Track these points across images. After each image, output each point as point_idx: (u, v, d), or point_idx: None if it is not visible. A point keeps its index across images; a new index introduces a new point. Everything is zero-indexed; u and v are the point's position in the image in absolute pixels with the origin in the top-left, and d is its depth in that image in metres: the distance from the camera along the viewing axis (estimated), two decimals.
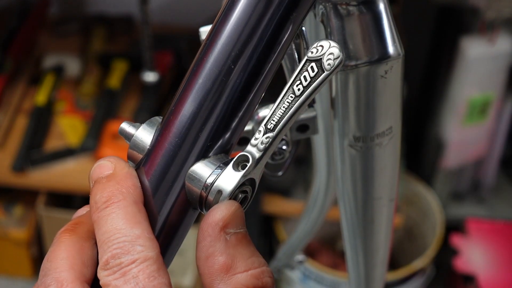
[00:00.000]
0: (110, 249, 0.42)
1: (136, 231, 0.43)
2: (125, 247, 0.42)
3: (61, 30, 2.16)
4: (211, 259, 0.43)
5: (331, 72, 0.44)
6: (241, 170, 0.44)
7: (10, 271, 2.03)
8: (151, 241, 0.43)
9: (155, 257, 0.42)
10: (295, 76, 0.45)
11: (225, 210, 0.43)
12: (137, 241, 0.42)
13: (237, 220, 0.43)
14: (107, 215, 0.43)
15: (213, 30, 0.46)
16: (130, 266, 0.41)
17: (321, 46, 0.44)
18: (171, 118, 0.46)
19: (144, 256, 0.42)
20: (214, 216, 0.43)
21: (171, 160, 0.46)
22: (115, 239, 0.42)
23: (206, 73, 0.45)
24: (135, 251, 0.42)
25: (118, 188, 0.44)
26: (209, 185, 0.45)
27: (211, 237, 0.43)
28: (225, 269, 0.42)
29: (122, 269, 0.41)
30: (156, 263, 0.42)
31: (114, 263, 0.42)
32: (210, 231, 0.43)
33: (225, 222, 0.43)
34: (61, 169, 1.84)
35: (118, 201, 0.44)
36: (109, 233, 0.43)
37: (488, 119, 1.91)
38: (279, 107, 0.45)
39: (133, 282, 0.41)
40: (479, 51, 1.83)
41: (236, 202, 0.44)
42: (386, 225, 0.64)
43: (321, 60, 0.44)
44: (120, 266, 0.41)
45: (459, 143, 1.91)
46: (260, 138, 0.45)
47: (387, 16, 0.52)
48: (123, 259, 0.42)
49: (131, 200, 0.44)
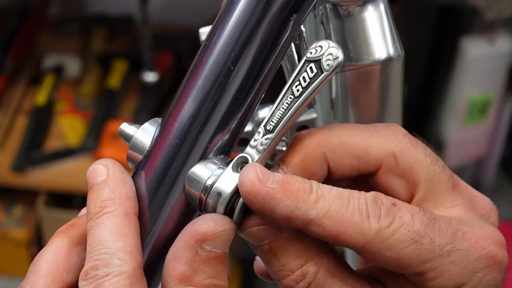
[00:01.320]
0: (91, 259, 0.43)
1: (118, 244, 0.43)
2: (104, 260, 0.43)
3: (61, 30, 2.16)
4: (174, 262, 0.43)
5: (331, 73, 0.44)
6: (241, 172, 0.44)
7: (10, 271, 2.03)
8: (131, 255, 0.43)
9: (130, 271, 0.43)
10: (294, 76, 0.44)
11: (211, 226, 0.43)
12: (117, 254, 0.43)
13: (219, 241, 0.43)
14: (96, 225, 0.44)
15: (212, 31, 0.46)
16: (104, 279, 0.42)
17: (320, 46, 0.44)
18: (170, 119, 0.46)
19: (119, 271, 0.42)
20: (198, 226, 0.43)
21: (170, 161, 0.46)
22: (97, 251, 0.43)
23: (205, 74, 0.45)
24: (112, 265, 0.42)
25: (111, 197, 0.45)
26: (208, 186, 0.45)
27: (185, 242, 0.43)
28: (181, 277, 0.43)
29: (96, 281, 0.42)
30: (129, 278, 0.42)
31: (91, 274, 0.42)
32: (188, 237, 0.43)
33: (204, 237, 0.43)
34: (61, 169, 1.84)
35: (109, 212, 0.44)
36: (94, 243, 0.43)
37: (488, 119, 1.91)
38: (278, 108, 0.45)
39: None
40: (479, 51, 1.83)
41: (231, 222, 0.44)
42: None
43: (320, 60, 0.44)
44: (95, 278, 0.42)
45: (459, 143, 1.91)
46: (259, 140, 0.45)
47: (387, 16, 0.52)
48: (99, 271, 0.42)
49: (121, 211, 0.44)
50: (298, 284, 0.44)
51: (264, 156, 0.45)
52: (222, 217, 0.44)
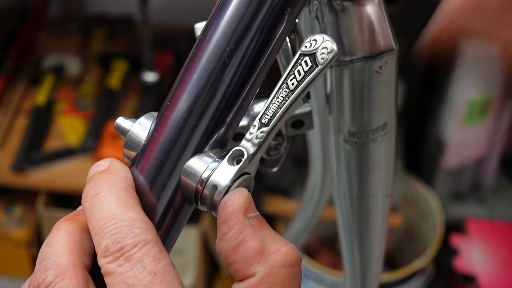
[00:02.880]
0: (107, 235, 0.41)
1: (131, 215, 0.42)
2: (124, 232, 0.41)
3: (61, 30, 2.17)
4: (243, 245, 0.42)
5: (325, 66, 0.44)
6: (236, 165, 0.45)
7: (10, 271, 2.03)
8: (148, 223, 0.42)
9: (154, 239, 0.42)
10: (289, 70, 0.45)
11: (241, 196, 0.43)
12: (134, 224, 0.42)
13: (252, 204, 0.44)
14: (99, 202, 0.43)
15: (208, 25, 0.46)
16: (133, 251, 0.41)
17: (314, 40, 0.44)
18: (166, 113, 0.46)
19: (145, 239, 0.41)
20: (233, 204, 0.43)
21: (166, 155, 0.46)
22: (111, 225, 0.41)
23: (201, 68, 0.45)
24: (133, 235, 0.41)
25: (110, 177, 0.44)
26: (204, 179, 0.45)
27: (238, 224, 0.42)
28: (260, 251, 0.42)
29: (124, 254, 0.40)
30: (157, 245, 0.41)
31: (114, 248, 0.41)
32: (235, 219, 0.43)
33: (245, 207, 0.43)
34: (61, 169, 1.85)
35: (109, 187, 0.44)
36: (104, 219, 0.42)
37: (488, 119, 1.91)
38: (273, 102, 0.45)
39: (140, 267, 0.40)
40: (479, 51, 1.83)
41: (244, 188, 0.44)
42: (381, 221, 0.64)
43: (315, 54, 0.44)
44: (122, 252, 0.41)
45: (459, 143, 1.91)
46: (254, 133, 0.45)
47: (381, 11, 0.52)
48: (123, 243, 0.41)
49: (122, 187, 0.44)
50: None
51: (259, 149, 0.45)
52: (237, 189, 0.44)
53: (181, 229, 0.48)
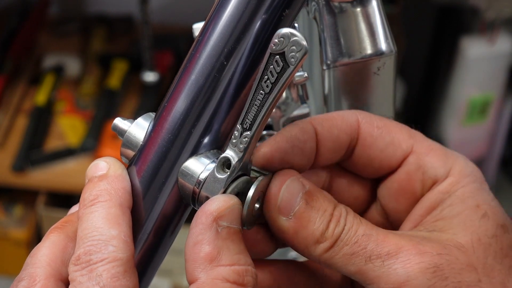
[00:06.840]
0: (84, 245, 0.43)
1: (112, 232, 0.43)
2: (98, 245, 0.43)
3: (61, 30, 2.17)
4: (198, 246, 0.43)
5: (296, 66, 0.42)
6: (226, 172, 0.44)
7: (10, 271, 2.03)
8: (125, 243, 0.43)
9: (124, 259, 0.43)
10: (262, 72, 0.43)
11: (222, 202, 0.43)
12: (111, 241, 0.43)
13: (232, 215, 0.44)
14: (90, 212, 0.44)
15: (206, 26, 0.46)
16: (97, 264, 0.42)
17: (282, 38, 0.42)
18: (163, 114, 0.46)
19: (114, 257, 0.42)
20: (210, 205, 0.43)
21: (164, 156, 0.46)
22: (91, 236, 0.43)
23: (199, 69, 0.45)
24: (106, 250, 0.42)
25: (107, 188, 0.45)
26: (201, 181, 0.45)
27: (203, 225, 0.43)
28: (209, 258, 0.43)
29: (89, 266, 0.42)
30: (123, 266, 0.42)
31: (84, 259, 0.42)
32: (203, 219, 0.43)
33: (219, 213, 0.43)
34: (61, 169, 1.85)
35: (104, 200, 0.44)
36: (87, 230, 0.43)
37: (488, 119, 1.91)
38: (252, 105, 0.43)
39: (96, 280, 0.42)
40: (479, 51, 1.83)
41: (236, 198, 0.44)
42: None
43: (284, 53, 0.42)
44: (89, 263, 0.42)
45: (459, 143, 1.91)
46: (238, 138, 0.44)
47: (379, 12, 0.52)
48: (93, 256, 0.42)
49: (116, 202, 0.45)
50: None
51: (245, 154, 0.45)
52: (226, 194, 0.44)
53: (178, 230, 0.48)
